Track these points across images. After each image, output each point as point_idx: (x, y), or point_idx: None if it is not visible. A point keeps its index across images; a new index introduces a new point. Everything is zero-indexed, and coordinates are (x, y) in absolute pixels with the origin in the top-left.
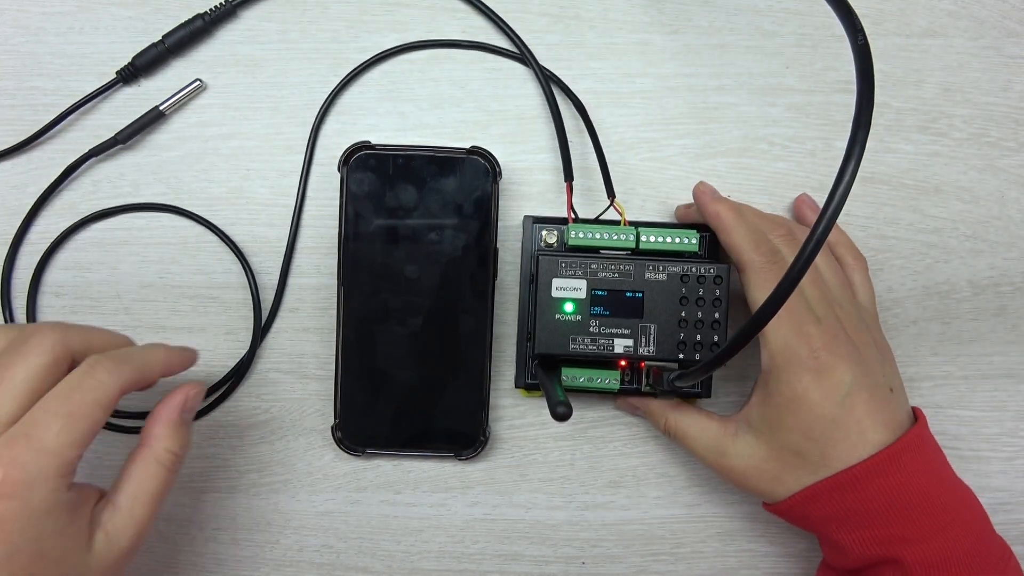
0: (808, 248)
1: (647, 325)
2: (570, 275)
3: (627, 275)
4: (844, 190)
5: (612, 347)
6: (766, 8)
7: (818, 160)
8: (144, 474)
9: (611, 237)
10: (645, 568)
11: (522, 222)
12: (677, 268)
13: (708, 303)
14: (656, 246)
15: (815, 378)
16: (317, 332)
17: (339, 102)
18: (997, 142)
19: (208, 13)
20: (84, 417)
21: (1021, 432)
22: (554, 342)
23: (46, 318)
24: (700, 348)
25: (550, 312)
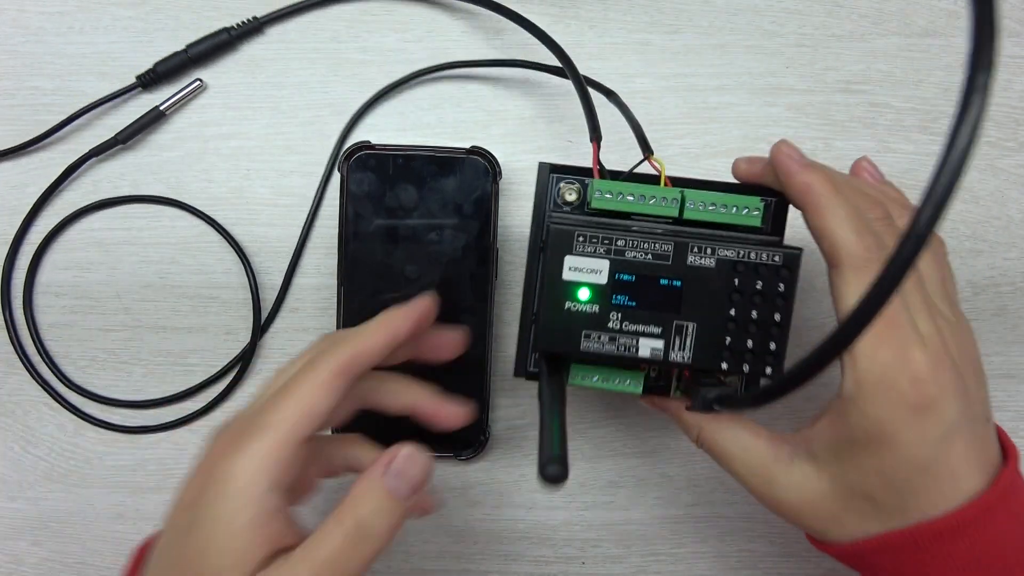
0: (911, 240)
1: (685, 323)
2: (588, 252)
3: (663, 257)
4: (959, 159)
5: (636, 348)
6: (766, 8)
7: (819, 160)
8: (322, 534)
9: (648, 200)
10: (645, 568)
11: (537, 169)
12: (731, 252)
13: (768, 299)
14: (706, 215)
15: (913, 415)
16: (317, 332)
17: (339, 102)
18: (997, 142)
19: (235, 28)
20: (284, 421)
21: (1021, 432)
22: (561, 337)
23: (46, 318)
24: (751, 357)
25: (559, 298)
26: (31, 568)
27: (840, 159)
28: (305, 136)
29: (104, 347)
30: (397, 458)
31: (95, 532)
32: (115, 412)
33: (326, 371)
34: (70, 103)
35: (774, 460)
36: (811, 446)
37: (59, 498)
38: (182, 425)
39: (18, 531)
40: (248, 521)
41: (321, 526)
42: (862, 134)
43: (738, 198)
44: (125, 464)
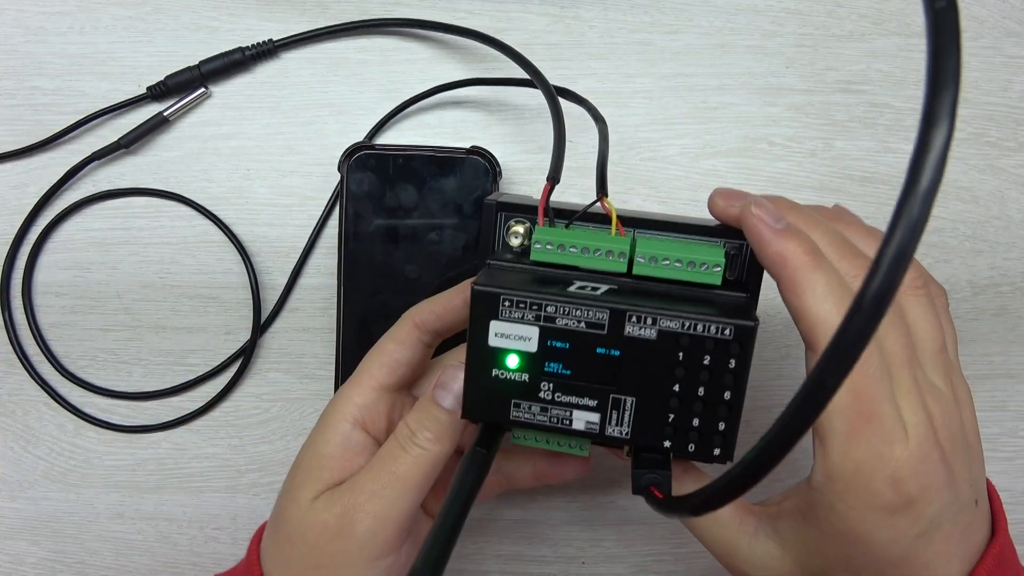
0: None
1: (623, 397)
2: (516, 318)
3: (598, 326)
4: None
5: (569, 421)
6: (766, 8)
7: (818, 160)
8: (383, 447)
9: (593, 253)
10: (645, 568)
11: (482, 208)
12: (674, 323)
13: (716, 375)
14: (658, 271)
15: (888, 516)
16: (317, 332)
17: (339, 102)
18: (997, 142)
19: (249, 48)
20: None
21: (1021, 432)
22: (489, 406)
23: (46, 318)
24: (696, 436)
25: (485, 364)
26: (31, 568)
27: (840, 159)
28: (305, 136)
29: (104, 347)
30: (445, 373)
31: (95, 532)
32: (115, 412)
33: (404, 327)
34: (70, 103)
35: (738, 531)
36: (779, 525)
37: (59, 498)
38: (182, 424)
39: (18, 531)
40: (330, 450)
41: (383, 445)
42: (862, 134)
43: (698, 249)
44: (125, 464)
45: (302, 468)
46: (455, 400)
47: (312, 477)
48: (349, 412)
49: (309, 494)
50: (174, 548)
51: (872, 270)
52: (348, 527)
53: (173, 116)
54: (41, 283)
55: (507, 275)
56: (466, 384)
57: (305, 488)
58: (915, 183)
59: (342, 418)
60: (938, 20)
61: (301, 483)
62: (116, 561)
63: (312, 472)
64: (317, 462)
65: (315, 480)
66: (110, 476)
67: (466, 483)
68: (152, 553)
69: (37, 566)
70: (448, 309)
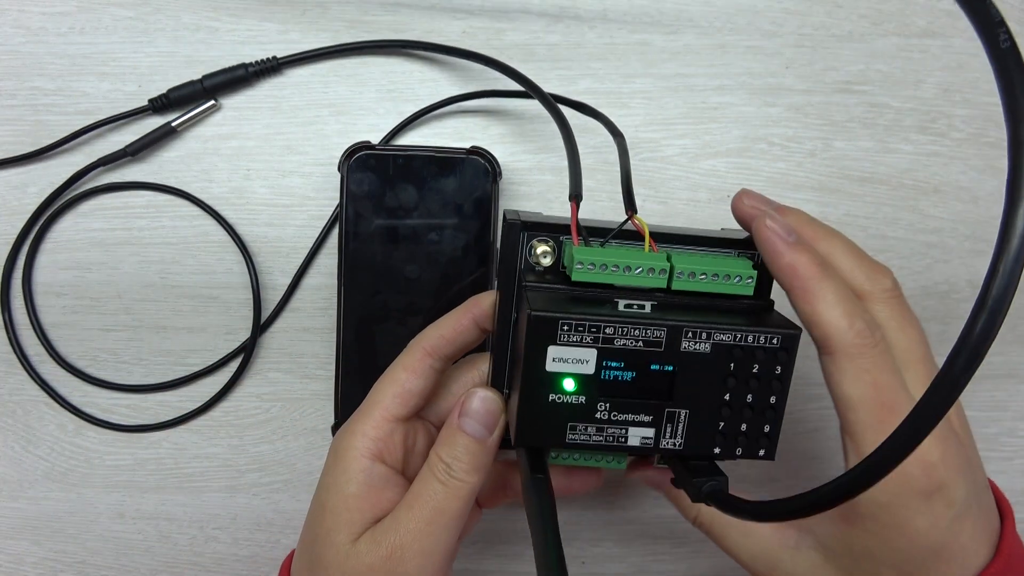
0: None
1: (677, 410)
2: (574, 342)
3: (655, 343)
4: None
5: (625, 438)
6: (766, 8)
7: (818, 160)
8: (418, 485)
9: (634, 271)
10: (645, 568)
11: (502, 225)
12: (727, 336)
13: (763, 381)
14: (696, 285)
15: (925, 502)
16: (317, 332)
17: (339, 102)
18: (997, 142)
19: (252, 64)
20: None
21: (1021, 432)
22: (544, 431)
23: (47, 318)
24: (744, 440)
25: (542, 390)
26: (31, 568)
27: (840, 159)
28: (305, 136)
29: (105, 347)
30: (470, 400)
31: (95, 532)
32: (115, 412)
33: (415, 354)
34: (71, 103)
35: (779, 546)
36: (819, 533)
37: (59, 498)
38: (181, 424)
39: (18, 531)
40: (356, 489)
41: (416, 479)
42: (861, 134)
43: (728, 263)
44: (125, 464)
45: (330, 511)
46: (483, 427)
47: (344, 520)
48: (366, 447)
49: (346, 537)
50: (174, 548)
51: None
52: (397, 568)
53: (181, 127)
54: (42, 283)
55: (552, 299)
56: (519, 411)
57: (340, 532)
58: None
59: (360, 455)
60: (1005, 60)
61: (333, 526)
62: (116, 561)
63: (342, 514)
64: (344, 503)
65: (348, 522)
66: (110, 476)
67: (545, 514)
68: (152, 553)
69: (38, 566)
70: (458, 332)
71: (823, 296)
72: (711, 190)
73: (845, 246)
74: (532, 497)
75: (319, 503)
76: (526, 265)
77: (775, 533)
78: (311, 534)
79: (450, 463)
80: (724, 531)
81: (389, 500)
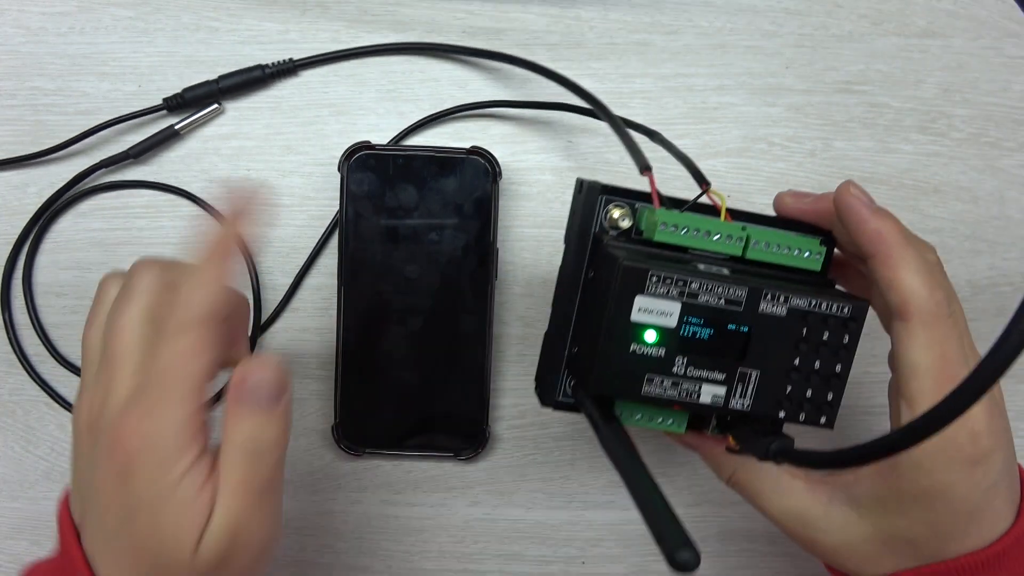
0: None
1: (749, 371)
2: (661, 294)
3: (736, 303)
4: None
5: (698, 395)
6: (766, 8)
7: (818, 160)
8: (225, 467)
9: (712, 236)
10: (645, 568)
11: (582, 189)
12: (803, 301)
13: (830, 350)
14: (769, 256)
15: (969, 468)
16: (317, 332)
17: (339, 102)
18: (997, 142)
19: (269, 66)
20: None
21: (1021, 432)
22: (622, 381)
23: (47, 318)
24: (808, 406)
25: (623, 339)
26: None
27: (840, 159)
28: (305, 136)
29: None
30: (247, 377)
31: None
32: None
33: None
34: (71, 103)
35: (812, 501)
36: (854, 491)
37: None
38: None
39: (18, 531)
40: None
41: (220, 462)
42: (861, 134)
43: (798, 239)
44: None
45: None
46: (272, 399)
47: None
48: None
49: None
50: None
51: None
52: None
53: (184, 130)
54: (42, 283)
55: (636, 252)
56: (598, 359)
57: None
58: None
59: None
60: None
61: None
62: None
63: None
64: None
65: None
66: None
67: (629, 450)
68: None
69: None
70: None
71: (907, 263)
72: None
73: (916, 263)
74: (617, 446)
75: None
76: (600, 228)
77: (808, 491)
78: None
79: (260, 440)
80: (759, 490)
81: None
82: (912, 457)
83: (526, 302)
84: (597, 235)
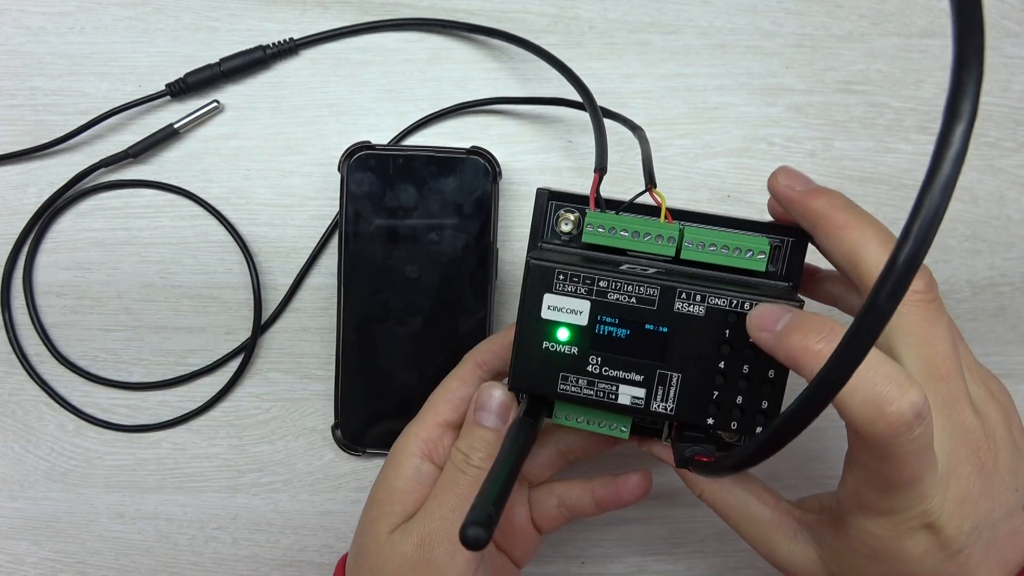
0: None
1: (669, 373)
2: (569, 292)
3: (648, 302)
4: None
5: (615, 395)
6: (766, 8)
7: (818, 160)
8: (443, 474)
9: (643, 237)
10: (645, 568)
11: (534, 196)
12: (722, 300)
13: (761, 353)
14: (706, 256)
15: (916, 532)
16: (317, 332)
17: (339, 102)
18: (996, 142)
19: (270, 46)
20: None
21: None
22: (537, 377)
23: (47, 318)
24: (739, 414)
25: (537, 336)
26: (31, 568)
27: (840, 159)
28: (305, 136)
29: (105, 347)
30: (482, 395)
31: (95, 532)
32: (115, 412)
33: (466, 366)
34: (71, 103)
35: (777, 531)
36: (815, 531)
37: (59, 498)
38: (181, 424)
39: (18, 531)
40: (403, 484)
41: (441, 473)
42: (861, 134)
43: (744, 239)
44: (125, 464)
45: (377, 502)
46: (496, 418)
47: (387, 511)
48: (416, 447)
49: (386, 528)
50: (174, 548)
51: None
52: (427, 555)
53: (184, 128)
54: (42, 283)
55: (559, 254)
56: (515, 356)
57: (381, 522)
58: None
59: (411, 453)
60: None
61: (377, 517)
62: (116, 561)
63: (386, 506)
64: (390, 496)
65: (390, 514)
66: (110, 476)
67: (516, 445)
68: (152, 553)
69: (38, 566)
70: (505, 347)
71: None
72: (711, 190)
73: (879, 236)
74: (510, 432)
75: (370, 496)
76: (552, 233)
77: (774, 521)
78: (360, 525)
79: (468, 453)
80: (727, 512)
81: None
82: (855, 519)
83: None
84: (541, 239)
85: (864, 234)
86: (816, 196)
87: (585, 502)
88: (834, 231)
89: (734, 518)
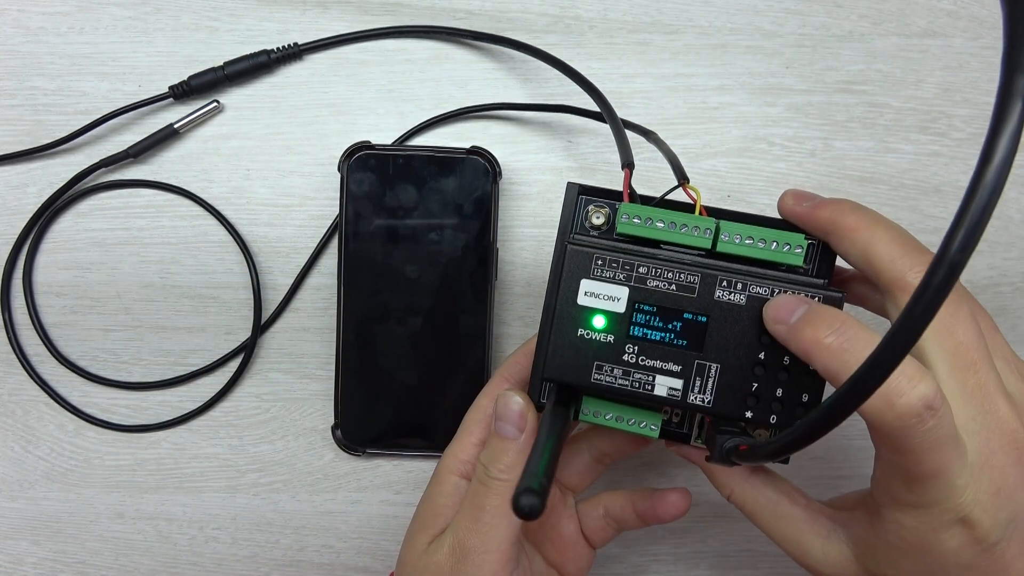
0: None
1: (708, 363)
2: (607, 277)
3: (689, 289)
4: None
5: (651, 386)
6: (766, 8)
7: (818, 160)
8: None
9: (679, 229)
10: (645, 568)
11: (565, 189)
12: (763, 289)
13: None
14: (742, 249)
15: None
16: (317, 332)
17: (339, 102)
18: None
19: (275, 51)
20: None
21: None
22: (570, 367)
23: (47, 318)
24: (779, 407)
25: (571, 324)
26: (31, 568)
27: (840, 159)
28: (305, 136)
29: (105, 347)
30: (499, 405)
31: (95, 532)
32: (115, 412)
33: (495, 382)
34: (70, 103)
35: (810, 532)
36: (851, 529)
37: (59, 498)
38: (181, 424)
39: (18, 531)
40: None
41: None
42: (862, 134)
43: (780, 234)
44: (125, 464)
45: (419, 517)
46: (514, 428)
47: (427, 525)
48: (455, 467)
49: (425, 540)
50: (174, 548)
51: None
52: (458, 564)
53: (184, 128)
54: (41, 283)
55: (592, 241)
56: (550, 344)
57: (421, 535)
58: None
59: (450, 472)
60: None
61: (417, 530)
62: (116, 561)
63: (427, 520)
64: (431, 511)
65: (430, 527)
66: (110, 476)
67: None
68: (152, 553)
69: (38, 566)
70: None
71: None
72: (711, 190)
73: (889, 234)
74: (544, 420)
75: (415, 513)
76: (581, 228)
77: (807, 520)
78: (404, 539)
79: (488, 465)
80: (757, 513)
81: None
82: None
83: (526, 302)
84: (572, 233)
85: (874, 234)
86: (823, 206)
87: (628, 513)
88: (846, 234)
89: (765, 519)
